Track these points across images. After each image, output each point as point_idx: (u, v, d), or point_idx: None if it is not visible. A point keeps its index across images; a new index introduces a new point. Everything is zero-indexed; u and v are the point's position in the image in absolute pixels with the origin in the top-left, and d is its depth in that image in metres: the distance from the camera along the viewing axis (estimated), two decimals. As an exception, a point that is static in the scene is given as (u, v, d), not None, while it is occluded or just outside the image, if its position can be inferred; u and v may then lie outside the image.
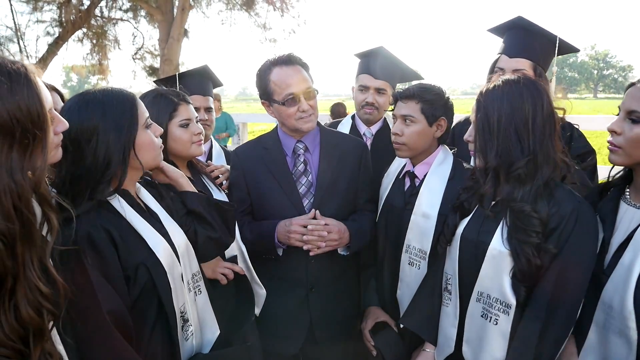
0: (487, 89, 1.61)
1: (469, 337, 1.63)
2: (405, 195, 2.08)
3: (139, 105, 1.48)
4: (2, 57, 1.05)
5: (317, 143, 2.16)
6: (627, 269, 1.38)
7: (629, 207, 1.50)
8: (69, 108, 1.42)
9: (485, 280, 1.57)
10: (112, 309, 1.31)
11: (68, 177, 1.39)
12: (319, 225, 1.99)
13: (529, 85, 1.56)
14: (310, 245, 1.99)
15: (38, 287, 1.05)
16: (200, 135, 2.03)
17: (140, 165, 1.48)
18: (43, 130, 1.06)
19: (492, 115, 1.55)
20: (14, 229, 1.00)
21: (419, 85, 2.02)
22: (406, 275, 2.02)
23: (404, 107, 1.98)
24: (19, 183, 1.00)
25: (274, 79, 2.04)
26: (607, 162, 1.59)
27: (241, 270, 2.04)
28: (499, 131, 1.54)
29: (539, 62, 2.17)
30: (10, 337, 1.02)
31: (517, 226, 1.50)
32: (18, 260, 1.02)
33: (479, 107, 1.60)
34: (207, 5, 15.26)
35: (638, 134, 1.41)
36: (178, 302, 1.50)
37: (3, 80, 1.00)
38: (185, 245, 1.62)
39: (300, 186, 2.11)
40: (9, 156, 1.00)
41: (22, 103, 1.01)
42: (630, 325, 1.34)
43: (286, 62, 2.05)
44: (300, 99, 2.02)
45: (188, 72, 2.69)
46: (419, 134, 1.98)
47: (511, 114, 1.53)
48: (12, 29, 13.34)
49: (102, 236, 1.35)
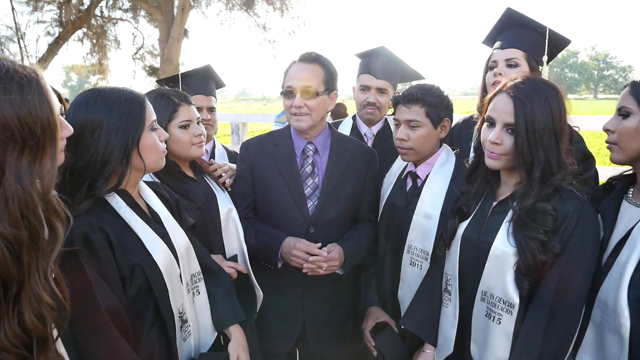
0: (519, 86, 1.51)
1: (476, 337, 1.63)
2: (407, 195, 2.08)
3: (147, 107, 1.49)
4: (13, 62, 1.03)
5: (328, 146, 2.16)
6: (622, 266, 1.40)
7: (630, 205, 1.51)
8: (79, 101, 1.43)
9: (488, 280, 1.57)
10: (109, 306, 1.31)
11: (68, 170, 1.38)
12: (321, 257, 1.98)
13: (550, 88, 1.53)
14: (310, 270, 2.00)
15: (42, 298, 1.04)
16: (201, 136, 2.03)
17: (143, 166, 1.48)
18: (53, 137, 1.05)
19: (531, 123, 1.46)
20: (21, 236, 0.99)
21: (420, 88, 1.99)
22: (407, 275, 2.02)
23: (408, 112, 1.97)
24: (27, 190, 0.99)
25: (288, 70, 2.09)
26: (607, 162, 1.61)
27: (244, 270, 2.05)
28: (542, 139, 1.47)
29: (532, 53, 2.15)
30: (13, 343, 1.01)
31: (525, 222, 1.49)
32: (24, 267, 1.01)
33: (517, 114, 1.48)
34: (207, 6, 15.28)
35: (626, 126, 1.49)
36: (176, 303, 1.50)
37: (15, 87, 0.98)
38: (186, 246, 1.62)
39: (305, 187, 2.11)
40: (19, 163, 0.98)
41: (34, 109, 1.00)
42: (623, 322, 1.35)
43: (304, 58, 2.07)
44: (295, 94, 2.02)
45: (191, 71, 2.69)
46: (425, 138, 1.98)
47: (551, 119, 1.48)
48: (13, 29, 13.33)
49: (98, 236, 1.35)
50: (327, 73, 2.07)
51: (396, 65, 2.63)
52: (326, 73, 2.06)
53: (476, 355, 1.62)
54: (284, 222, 2.10)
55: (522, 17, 2.20)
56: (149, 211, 1.58)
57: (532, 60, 2.14)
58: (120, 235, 1.40)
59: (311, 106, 2.02)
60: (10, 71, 1.00)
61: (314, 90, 2.02)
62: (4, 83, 0.97)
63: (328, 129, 2.19)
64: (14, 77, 0.99)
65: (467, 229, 1.68)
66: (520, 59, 2.13)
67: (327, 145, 2.16)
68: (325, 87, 2.05)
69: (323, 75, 2.05)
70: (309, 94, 2.01)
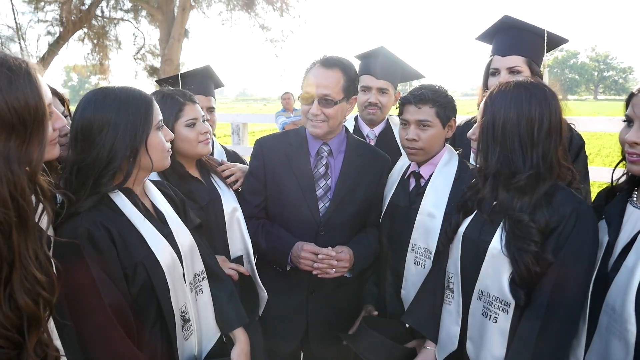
0: (496, 91, 1.60)
1: (472, 335, 1.64)
2: (411, 195, 2.09)
3: (154, 106, 1.51)
4: (4, 54, 1.08)
5: (343, 150, 2.15)
6: (630, 271, 1.37)
7: (635, 209, 1.49)
8: (88, 99, 1.45)
9: (485, 279, 1.58)
10: (113, 302, 1.33)
11: (75, 167, 1.41)
12: (330, 255, 1.98)
13: (537, 93, 1.55)
14: (319, 272, 1.99)
15: (34, 275, 1.08)
16: (207, 134, 2.05)
17: (151, 164, 1.49)
18: (41, 123, 1.09)
19: (498, 120, 1.55)
20: (10, 217, 1.03)
21: (430, 89, 1.99)
22: (411, 274, 2.03)
23: (419, 112, 1.97)
24: (16, 172, 1.03)
25: (308, 73, 2.05)
26: (607, 163, 1.59)
27: (246, 272, 2.05)
28: (503, 138, 1.54)
29: (532, 57, 2.18)
30: (5, 326, 1.04)
31: (516, 234, 1.51)
32: (14, 248, 1.04)
33: (486, 109, 1.60)
34: (208, 6, 15.30)
35: None
36: (178, 302, 1.51)
37: (4, 73, 1.03)
38: (190, 245, 1.63)
39: (318, 188, 2.10)
40: (7, 146, 1.03)
41: (21, 95, 1.05)
42: (630, 328, 1.33)
43: (325, 63, 2.02)
44: (312, 101, 1.99)
45: (190, 72, 2.69)
46: (435, 138, 2.00)
47: (517, 122, 1.52)
48: (13, 29, 13.36)
49: (101, 234, 1.36)
50: (348, 79, 2.02)
51: (396, 65, 2.63)
52: (346, 79, 2.01)
53: (472, 353, 1.64)
54: (294, 222, 2.09)
55: (518, 22, 2.23)
56: (153, 210, 1.59)
57: (533, 63, 2.18)
58: (123, 233, 1.42)
59: (328, 114, 2.00)
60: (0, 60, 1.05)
61: (332, 99, 1.98)
62: None
63: (344, 132, 2.18)
64: (3, 65, 1.04)
65: (468, 227, 1.69)
66: (521, 64, 2.16)
67: (342, 149, 2.15)
68: (344, 94, 2.01)
69: (343, 82, 2.00)
70: (327, 102, 1.98)
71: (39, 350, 1.12)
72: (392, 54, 2.61)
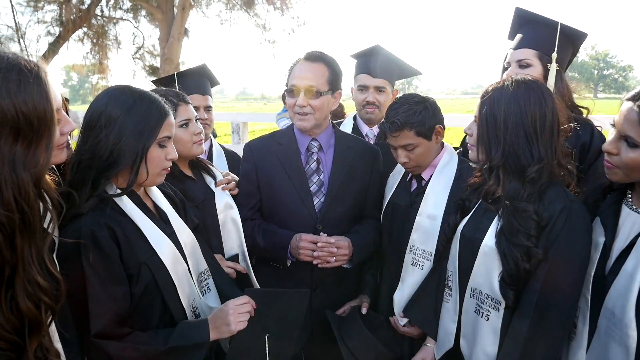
0: (495, 86, 1.61)
1: (465, 332, 1.65)
2: (412, 194, 2.09)
3: (167, 121, 1.48)
4: (17, 55, 1.07)
5: (332, 144, 2.16)
6: (629, 275, 1.36)
7: (631, 211, 1.47)
8: (106, 92, 1.46)
9: (477, 277, 1.59)
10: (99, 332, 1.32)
11: (76, 163, 1.40)
12: (329, 243, 1.98)
13: (535, 89, 1.56)
14: (320, 261, 1.99)
15: (37, 281, 1.07)
16: (201, 134, 2.04)
17: (145, 177, 1.46)
18: (48, 128, 1.08)
19: (499, 113, 1.55)
20: (14, 220, 1.02)
21: (402, 112, 1.92)
22: (409, 275, 2.02)
23: (399, 139, 1.95)
24: (21, 176, 1.02)
25: (293, 68, 2.09)
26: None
27: (243, 270, 2.06)
28: (507, 131, 1.54)
29: (543, 50, 2.10)
30: (6, 329, 1.03)
31: (511, 226, 1.50)
32: (17, 251, 1.03)
33: (485, 102, 1.60)
34: (207, 5, 15.29)
35: (634, 158, 1.37)
36: (188, 298, 1.52)
37: (13, 76, 1.02)
38: (192, 244, 1.63)
39: (311, 184, 2.11)
40: (13, 149, 1.02)
41: (29, 99, 1.03)
42: (630, 333, 1.32)
43: (308, 57, 2.07)
44: (298, 94, 2.01)
45: (186, 71, 2.69)
46: (425, 153, 1.99)
47: (520, 115, 1.53)
48: (13, 29, 13.36)
49: (105, 234, 1.36)
50: (332, 72, 2.06)
51: (393, 63, 2.63)
52: (331, 72, 2.05)
53: (465, 350, 1.64)
54: (291, 220, 2.10)
55: (531, 15, 2.17)
56: (155, 210, 1.60)
57: (545, 57, 2.10)
58: (127, 233, 1.42)
59: (314, 105, 2.02)
60: (11, 62, 1.04)
61: (317, 89, 2.01)
62: (4, 72, 1.01)
63: (331, 127, 2.20)
64: (14, 68, 1.03)
65: (466, 225, 1.70)
66: (532, 58, 2.10)
67: (331, 143, 2.16)
68: (329, 86, 2.05)
69: (327, 75, 2.04)
70: (312, 94, 2.01)
71: (39, 353, 1.11)
72: (388, 51, 2.61)
